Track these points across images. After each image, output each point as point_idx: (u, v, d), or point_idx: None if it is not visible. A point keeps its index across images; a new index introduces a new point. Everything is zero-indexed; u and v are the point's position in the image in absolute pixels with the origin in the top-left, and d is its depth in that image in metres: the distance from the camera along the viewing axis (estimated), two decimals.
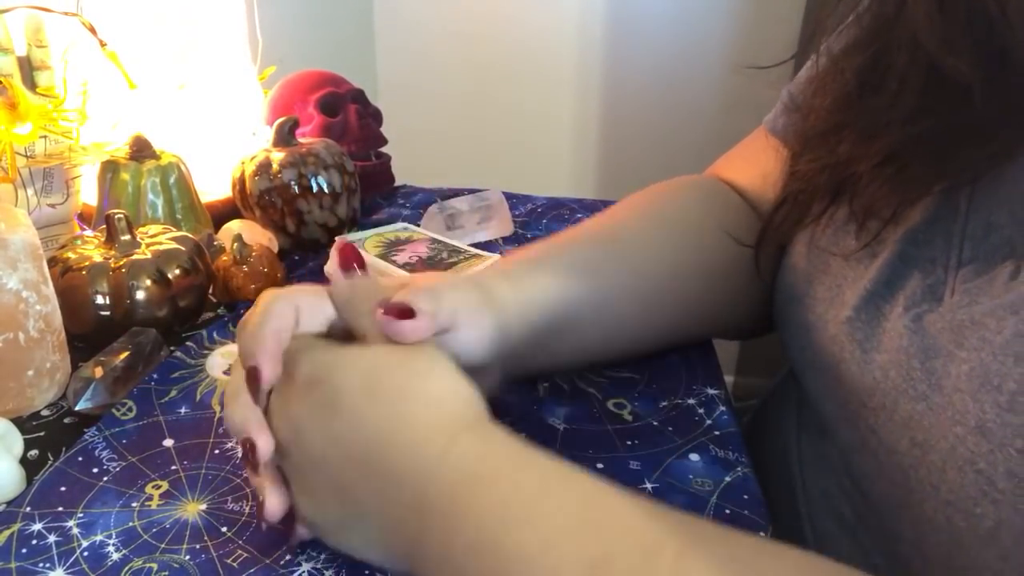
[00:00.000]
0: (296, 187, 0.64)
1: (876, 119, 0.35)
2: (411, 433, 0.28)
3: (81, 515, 0.35)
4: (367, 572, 0.32)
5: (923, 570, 0.32)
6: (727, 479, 0.38)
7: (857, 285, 0.36)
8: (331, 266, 0.59)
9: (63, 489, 0.37)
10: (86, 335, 0.49)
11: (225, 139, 0.73)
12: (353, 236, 0.59)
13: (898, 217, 0.35)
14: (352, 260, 0.36)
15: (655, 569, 0.23)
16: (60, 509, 0.35)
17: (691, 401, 0.45)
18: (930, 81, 0.33)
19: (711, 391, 0.46)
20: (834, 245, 0.38)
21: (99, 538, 0.34)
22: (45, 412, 0.44)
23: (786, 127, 0.47)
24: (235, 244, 0.55)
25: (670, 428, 0.42)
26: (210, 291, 0.55)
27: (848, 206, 0.37)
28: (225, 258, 0.55)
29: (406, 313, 0.32)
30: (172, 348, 0.50)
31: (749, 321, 0.51)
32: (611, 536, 0.24)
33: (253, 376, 0.31)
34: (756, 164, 0.50)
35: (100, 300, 0.48)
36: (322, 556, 0.33)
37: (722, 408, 0.44)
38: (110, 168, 0.60)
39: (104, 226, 0.51)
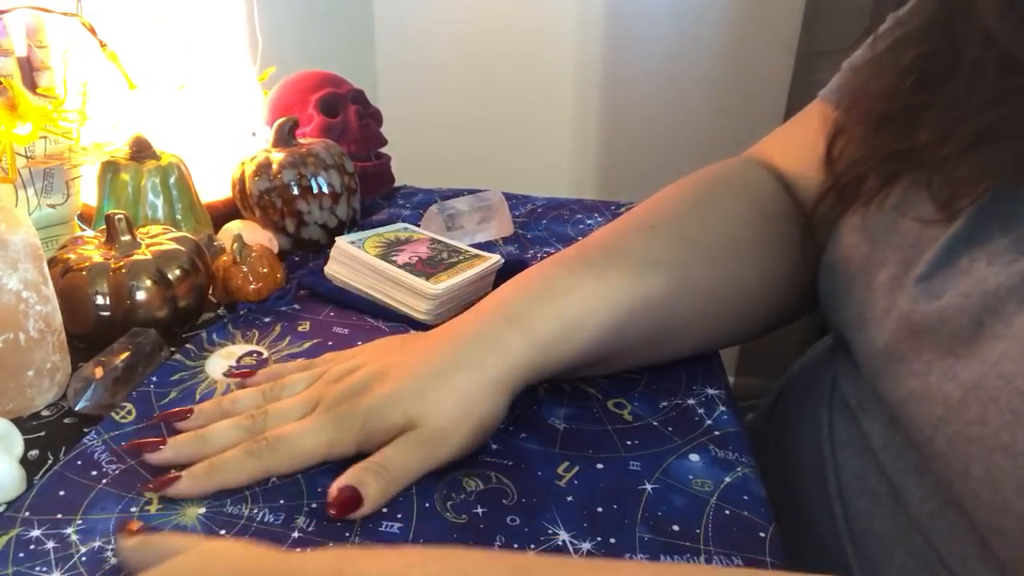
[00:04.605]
0: (296, 188, 0.64)
1: (956, 105, 0.35)
2: None
3: (80, 522, 0.35)
4: None
5: (989, 517, 0.32)
6: (727, 479, 0.38)
7: (935, 243, 0.36)
8: (331, 267, 0.59)
9: (62, 493, 0.36)
10: (86, 335, 0.49)
11: (225, 139, 0.73)
12: (353, 236, 0.59)
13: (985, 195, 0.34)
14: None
15: None
16: (59, 516, 0.35)
17: (691, 401, 0.45)
18: (1006, 68, 0.33)
19: (711, 391, 0.46)
20: (904, 205, 0.38)
21: (98, 543, 0.34)
22: (45, 412, 0.44)
23: (841, 101, 0.47)
24: (235, 244, 0.55)
25: (670, 428, 0.42)
26: (209, 291, 0.55)
27: (917, 181, 0.37)
28: (225, 258, 0.55)
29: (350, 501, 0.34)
30: (172, 349, 0.50)
31: (787, 314, 0.51)
32: None
33: None
34: (813, 147, 0.48)
35: (100, 300, 0.48)
36: None
37: (722, 408, 0.44)
38: (110, 168, 0.60)
39: (104, 226, 0.51)
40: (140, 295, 0.49)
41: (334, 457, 0.38)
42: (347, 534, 0.34)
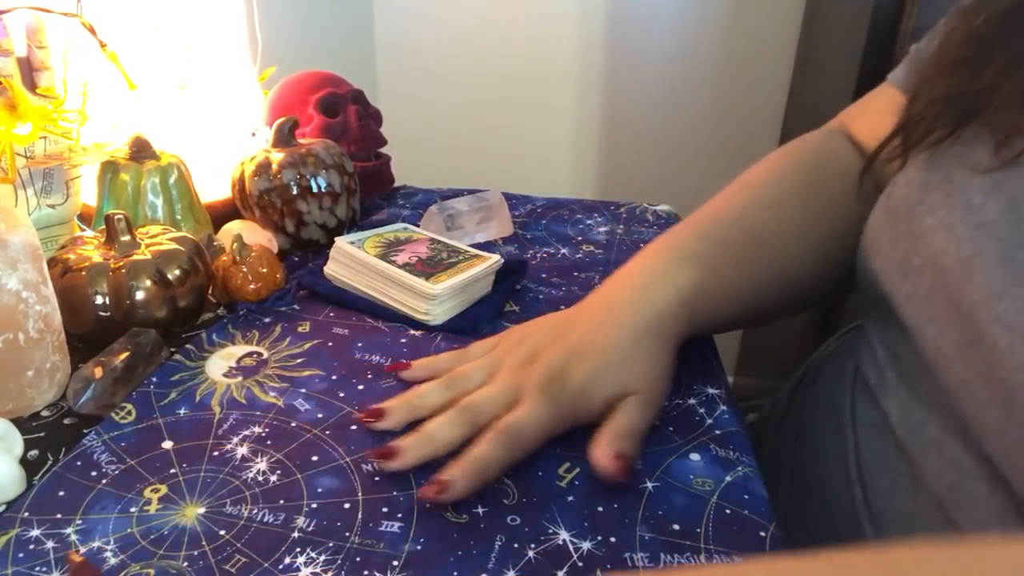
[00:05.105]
0: (296, 188, 0.64)
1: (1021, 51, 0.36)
2: None
3: (79, 521, 0.35)
4: (366, 574, 0.32)
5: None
6: (728, 479, 0.38)
7: (996, 189, 0.36)
8: (331, 267, 0.59)
9: (61, 494, 0.36)
10: (86, 335, 0.49)
11: (225, 139, 0.73)
12: (352, 236, 0.59)
13: None
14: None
15: None
16: (59, 516, 0.35)
17: (692, 401, 0.45)
18: None
19: (711, 391, 0.46)
20: (962, 158, 0.39)
21: (97, 544, 0.34)
22: (45, 412, 0.44)
23: (908, 79, 0.50)
24: (235, 244, 0.55)
25: (670, 428, 0.42)
26: (209, 292, 0.55)
27: (980, 126, 0.38)
28: (225, 258, 0.55)
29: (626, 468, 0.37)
30: (172, 349, 0.50)
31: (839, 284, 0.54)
32: None
33: None
34: (883, 125, 0.50)
35: (100, 300, 0.48)
36: (321, 559, 0.33)
37: (723, 408, 0.44)
38: (110, 169, 0.60)
39: (104, 227, 0.51)
40: (140, 295, 0.49)
41: (556, 434, 0.39)
42: (347, 533, 0.34)
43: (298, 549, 0.33)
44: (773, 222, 0.49)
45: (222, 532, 0.34)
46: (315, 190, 0.65)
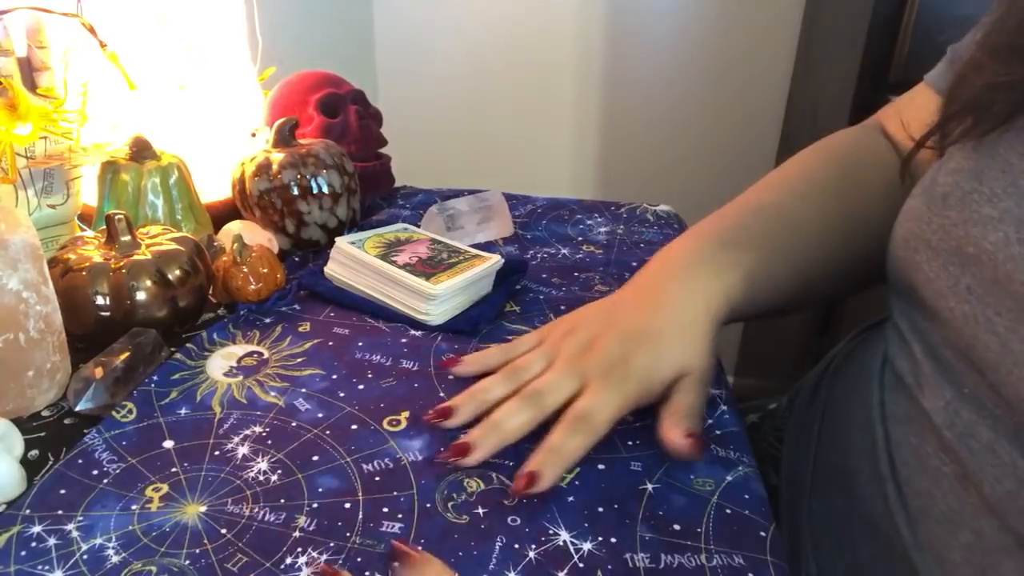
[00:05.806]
0: (296, 188, 0.64)
1: None
2: None
3: (81, 518, 0.35)
4: (367, 574, 0.32)
5: None
6: (728, 478, 0.38)
7: None
8: (331, 267, 0.59)
9: (63, 492, 0.37)
10: (86, 336, 0.49)
11: (225, 140, 0.73)
12: (353, 237, 0.59)
13: None
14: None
15: None
16: (60, 512, 0.35)
17: None
18: None
19: (712, 391, 0.46)
20: (1022, 147, 0.37)
21: (99, 541, 0.34)
22: (45, 413, 0.44)
23: (945, 76, 0.50)
24: (235, 245, 0.55)
25: None
26: (210, 292, 0.55)
27: None
28: (225, 259, 0.55)
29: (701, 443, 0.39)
30: (172, 349, 0.50)
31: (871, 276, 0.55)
32: None
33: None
34: (922, 124, 0.49)
35: (100, 301, 0.48)
36: (323, 558, 0.33)
37: (723, 408, 0.44)
38: (110, 169, 0.60)
39: (104, 227, 0.51)
40: (140, 295, 0.49)
41: (620, 418, 0.40)
42: (348, 534, 0.34)
43: (299, 549, 0.33)
44: (810, 211, 0.50)
45: (223, 531, 0.34)
46: (315, 190, 0.65)
